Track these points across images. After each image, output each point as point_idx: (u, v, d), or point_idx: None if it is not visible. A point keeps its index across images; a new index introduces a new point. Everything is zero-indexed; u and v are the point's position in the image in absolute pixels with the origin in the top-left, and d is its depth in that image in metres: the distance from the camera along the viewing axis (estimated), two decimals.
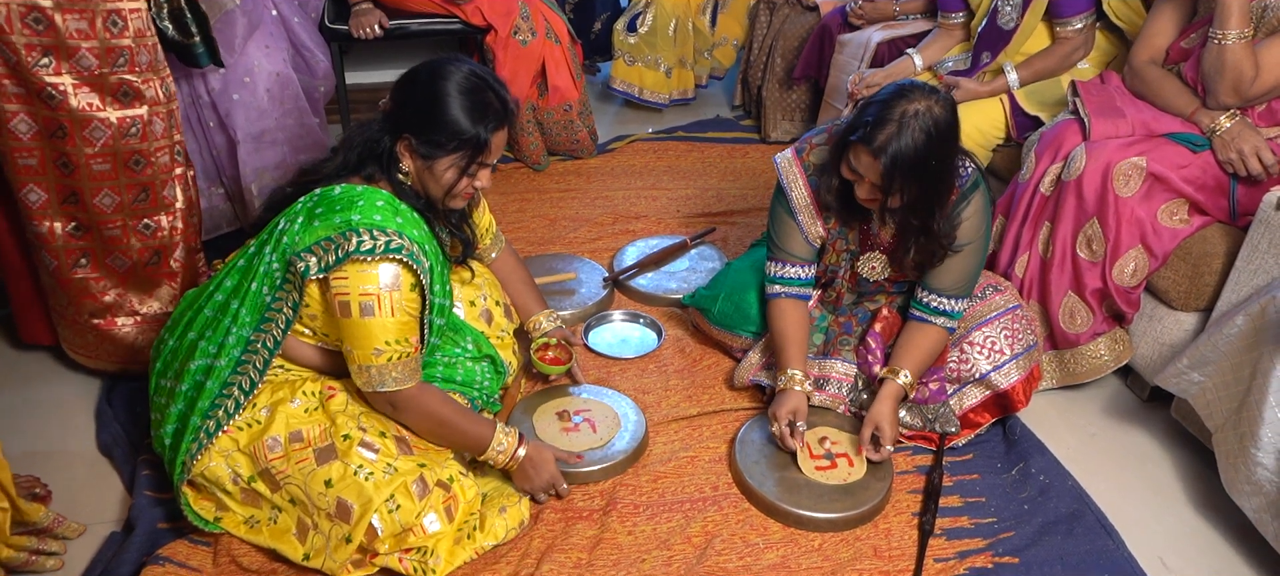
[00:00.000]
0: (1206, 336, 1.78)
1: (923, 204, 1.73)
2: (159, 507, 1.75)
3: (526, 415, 1.97)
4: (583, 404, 2.02)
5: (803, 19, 3.44)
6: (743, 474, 1.83)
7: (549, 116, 3.15)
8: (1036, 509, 1.81)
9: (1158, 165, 1.96)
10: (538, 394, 2.05)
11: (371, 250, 1.48)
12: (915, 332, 1.92)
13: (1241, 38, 1.86)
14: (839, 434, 1.92)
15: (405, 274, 1.53)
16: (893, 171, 1.65)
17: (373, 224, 1.51)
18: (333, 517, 1.56)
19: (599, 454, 1.87)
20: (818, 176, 1.88)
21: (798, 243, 1.96)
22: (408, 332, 1.56)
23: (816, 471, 1.83)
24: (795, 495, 1.78)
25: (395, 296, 1.52)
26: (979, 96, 2.51)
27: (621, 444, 1.90)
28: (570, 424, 1.94)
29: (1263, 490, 1.64)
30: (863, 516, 1.76)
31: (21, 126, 1.77)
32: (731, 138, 3.51)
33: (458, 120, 1.56)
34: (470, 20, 2.96)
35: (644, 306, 2.46)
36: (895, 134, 1.63)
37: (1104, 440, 2.06)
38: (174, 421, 1.66)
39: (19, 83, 1.73)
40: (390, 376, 1.56)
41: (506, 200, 2.99)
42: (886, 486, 1.80)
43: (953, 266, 1.85)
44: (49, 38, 1.71)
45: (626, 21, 3.57)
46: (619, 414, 1.97)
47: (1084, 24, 2.42)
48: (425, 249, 1.59)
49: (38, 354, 2.19)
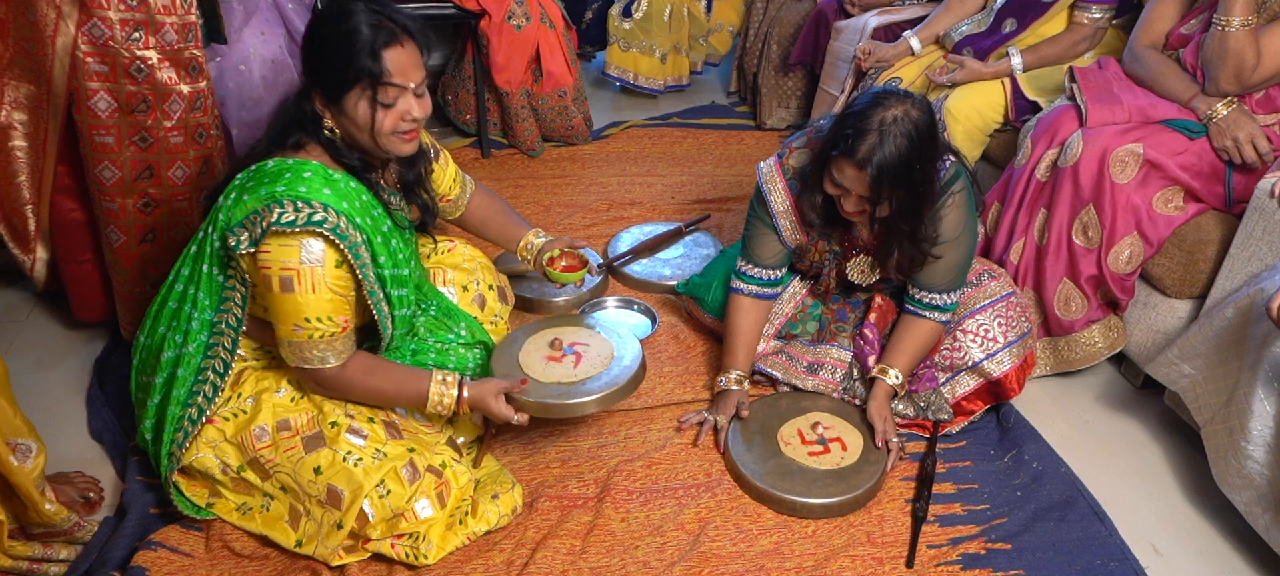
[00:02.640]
0: (1197, 327, 1.78)
1: (909, 207, 1.72)
2: (151, 493, 1.74)
3: (526, 336, 1.86)
4: (586, 337, 1.86)
5: (798, 5, 3.42)
6: (735, 462, 1.83)
7: (543, 102, 3.14)
8: (1029, 495, 1.82)
9: (1154, 152, 1.95)
10: (554, 319, 1.94)
11: (293, 222, 1.43)
12: (909, 327, 1.92)
13: (1245, 24, 1.85)
14: (831, 418, 1.92)
15: (330, 249, 1.48)
16: (880, 180, 1.63)
17: (297, 195, 1.46)
18: (324, 504, 1.56)
19: (557, 391, 1.71)
20: (798, 182, 1.87)
21: (771, 251, 1.95)
22: (334, 310, 1.51)
23: (810, 457, 1.83)
24: (788, 481, 1.78)
25: (318, 272, 1.47)
26: (982, 78, 2.50)
27: (593, 386, 1.73)
28: (558, 353, 1.80)
29: (1253, 483, 1.64)
30: (857, 500, 1.76)
31: (101, 104, 1.82)
32: (726, 124, 3.50)
33: (342, 51, 1.47)
34: (464, 5, 2.94)
35: (638, 293, 2.46)
36: (877, 144, 1.62)
37: (1097, 427, 2.06)
38: (152, 415, 1.66)
39: (103, 60, 1.79)
40: (314, 353, 1.52)
41: (501, 186, 2.98)
42: (880, 469, 1.80)
43: (940, 264, 1.85)
44: (141, 12, 1.79)
45: (621, 7, 3.55)
46: (615, 355, 1.81)
47: (1102, 16, 2.40)
48: (359, 221, 1.51)
49: (38, 337, 2.18)
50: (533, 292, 2.36)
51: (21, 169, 1.92)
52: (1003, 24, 2.55)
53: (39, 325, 2.24)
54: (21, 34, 1.79)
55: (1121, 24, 2.45)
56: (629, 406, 2.03)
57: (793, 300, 2.10)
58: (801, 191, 1.86)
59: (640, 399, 2.05)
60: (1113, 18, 2.43)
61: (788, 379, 2.01)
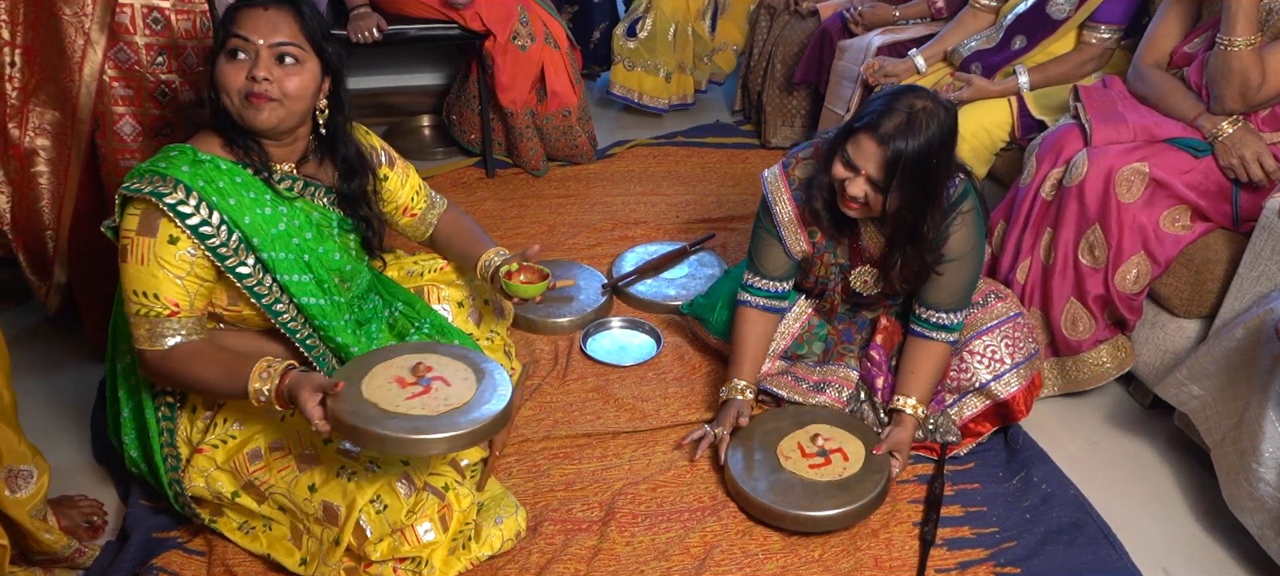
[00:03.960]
0: (1206, 348, 1.77)
1: (916, 206, 1.70)
2: (154, 516, 1.74)
3: (391, 354, 1.58)
4: (454, 370, 1.55)
5: (803, 24, 3.43)
6: (736, 481, 1.80)
7: (548, 122, 3.14)
8: (1038, 518, 1.80)
9: (1160, 171, 1.94)
10: (431, 345, 1.69)
11: (138, 189, 1.43)
12: (918, 353, 1.90)
13: (1249, 44, 1.84)
14: (830, 429, 1.88)
15: (167, 225, 1.44)
16: (896, 162, 1.63)
17: (154, 170, 1.45)
18: (321, 521, 1.55)
19: (373, 416, 1.42)
20: (804, 190, 1.86)
21: (777, 262, 1.95)
22: (160, 289, 1.45)
23: (811, 470, 1.80)
24: (790, 496, 1.74)
25: (148, 243, 1.44)
26: (990, 95, 2.50)
27: (411, 425, 1.42)
28: (414, 380, 1.51)
29: (1265, 506, 1.62)
30: (862, 510, 1.72)
31: (126, 128, 1.84)
32: (731, 143, 3.50)
33: (217, 14, 1.50)
34: (469, 25, 2.95)
35: (643, 313, 2.45)
36: (904, 125, 1.62)
37: (1106, 448, 2.04)
38: (134, 446, 1.68)
39: (128, 84, 1.81)
40: (138, 331, 1.49)
41: (506, 206, 2.98)
42: (884, 477, 1.77)
43: (946, 281, 1.84)
44: (165, 37, 1.81)
45: (626, 26, 3.56)
46: (475, 398, 1.50)
47: (1110, 36, 2.40)
48: (216, 200, 1.46)
49: (46, 357, 2.18)
50: (537, 312, 2.36)
51: (43, 194, 1.92)
52: (1012, 41, 2.55)
53: (47, 345, 2.24)
54: (48, 60, 1.79)
55: (1129, 45, 2.45)
56: (634, 427, 2.02)
57: (799, 320, 2.09)
58: (808, 194, 1.84)
59: (645, 420, 2.04)
60: (1121, 38, 2.42)
61: (793, 398, 2.00)
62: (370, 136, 1.78)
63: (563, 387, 2.14)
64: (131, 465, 1.73)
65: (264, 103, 1.48)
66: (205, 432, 1.63)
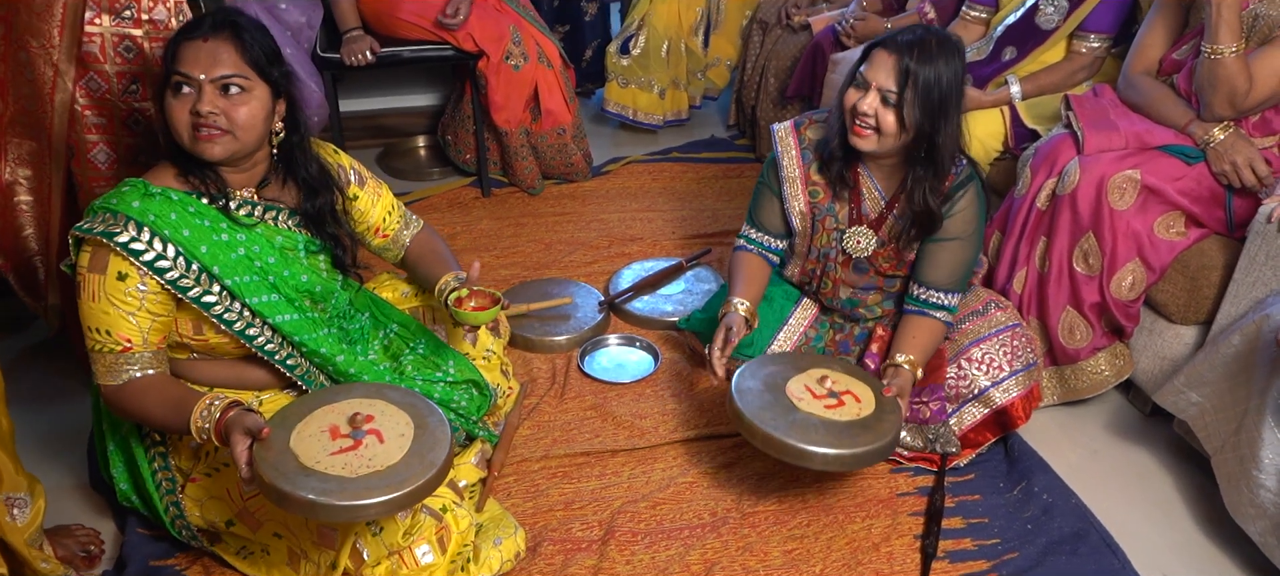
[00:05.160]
0: (1203, 355, 1.76)
1: (931, 117, 1.73)
2: (151, 545, 1.73)
3: (330, 398, 1.51)
4: (394, 424, 1.47)
5: (795, 38, 3.44)
6: (753, 423, 1.68)
7: (543, 140, 3.15)
8: (1040, 528, 1.79)
9: (1152, 178, 1.95)
10: (371, 388, 1.58)
11: (88, 229, 1.44)
12: (913, 324, 1.91)
13: (1234, 51, 1.85)
14: (835, 373, 1.82)
15: (116, 260, 1.43)
16: (909, 74, 1.70)
17: (106, 206, 1.46)
18: (317, 545, 1.54)
19: (294, 476, 1.34)
20: (813, 150, 1.94)
21: (774, 220, 2.02)
22: (112, 326, 1.45)
23: (826, 410, 1.72)
24: (815, 434, 1.65)
25: (97, 280, 1.44)
26: (983, 105, 2.50)
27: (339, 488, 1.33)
28: (347, 433, 1.43)
29: (1266, 512, 1.61)
30: (884, 449, 1.67)
31: (101, 156, 1.83)
32: (726, 157, 3.51)
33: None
34: (462, 46, 2.96)
35: (640, 330, 2.45)
36: (915, 39, 1.71)
37: (1107, 456, 2.04)
38: (124, 478, 1.67)
39: (101, 112, 1.80)
40: (97, 367, 1.49)
41: (502, 225, 2.98)
42: (899, 417, 1.72)
43: (946, 259, 1.87)
44: (138, 65, 1.78)
45: (619, 44, 3.57)
46: (409, 454, 1.41)
47: (1100, 45, 2.41)
48: (169, 233, 1.45)
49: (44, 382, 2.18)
50: (534, 331, 2.35)
51: (28, 222, 1.93)
52: (1002, 52, 2.56)
53: (44, 372, 2.23)
54: (21, 92, 1.80)
55: (1119, 53, 2.46)
56: (633, 445, 2.01)
57: (797, 332, 2.09)
58: (819, 151, 1.92)
59: (644, 437, 2.03)
60: (1111, 47, 2.43)
61: None
62: (338, 155, 1.76)
63: (560, 406, 2.14)
64: (123, 498, 1.72)
65: (215, 136, 1.47)
66: (195, 461, 1.62)
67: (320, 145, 1.73)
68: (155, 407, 1.48)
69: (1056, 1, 2.42)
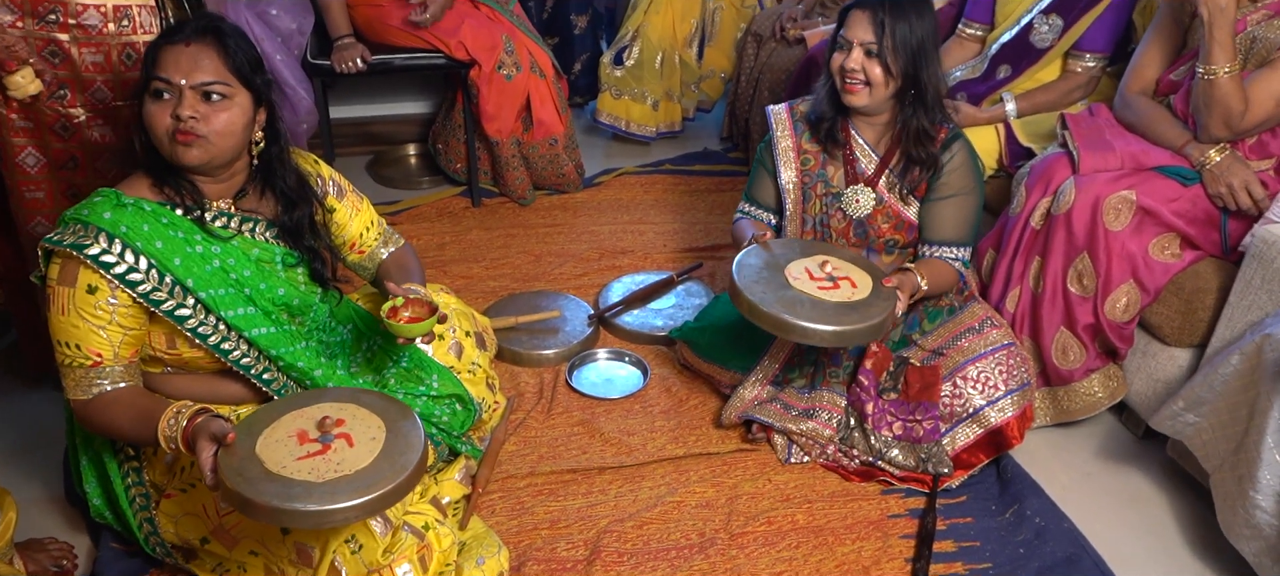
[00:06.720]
0: (1201, 376, 1.74)
1: (913, 56, 1.84)
2: (126, 560, 1.69)
3: (298, 403, 1.46)
4: (365, 428, 1.40)
5: (789, 51, 3.43)
6: (742, 289, 1.77)
7: (534, 151, 3.12)
8: (1032, 552, 1.77)
9: (1147, 199, 1.93)
10: (342, 391, 1.54)
11: (58, 241, 1.41)
12: (926, 260, 1.99)
13: (1228, 72, 1.84)
14: (839, 261, 1.88)
15: (86, 273, 1.41)
16: (882, 23, 1.81)
17: (77, 217, 1.43)
18: (295, 564, 1.50)
19: (259, 481, 1.29)
20: (805, 122, 2.05)
21: (770, 193, 2.12)
22: (81, 340, 1.42)
23: (820, 291, 1.79)
24: (797, 309, 1.73)
25: (66, 293, 1.41)
26: (977, 123, 2.49)
27: (307, 494, 1.28)
28: (315, 437, 1.37)
29: (1262, 534, 1.59)
30: (870, 331, 1.74)
31: (29, 160, 1.80)
32: (719, 170, 3.49)
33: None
34: (454, 55, 2.94)
35: (630, 344, 2.42)
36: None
37: (1100, 479, 2.02)
38: (97, 493, 1.64)
39: (26, 116, 1.76)
40: (66, 381, 1.46)
41: (492, 236, 2.95)
42: (891, 304, 1.78)
43: (951, 215, 1.96)
44: (66, 71, 1.73)
45: (613, 55, 3.56)
46: (379, 459, 1.35)
47: (1095, 64, 2.40)
48: (141, 245, 1.43)
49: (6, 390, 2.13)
50: (521, 345, 2.32)
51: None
52: (997, 70, 2.55)
53: (14, 382, 2.18)
54: None
55: (1115, 72, 2.45)
56: (620, 462, 1.98)
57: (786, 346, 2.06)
58: (811, 119, 2.03)
59: (632, 455, 2.00)
60: (1106, 66, 2.42)
61: (782, 425, 1.97)
62: (318, 165, 1.73)
63: (548, 422, 2.11)
64: (96, 514, 1.68)
65: (192, 141, 1.44)
66: (169, 476, 1.58)
67: (300, 155, 1.70)
68: (124, 420, 1.45)
69: (1051, 20, 2.41)
